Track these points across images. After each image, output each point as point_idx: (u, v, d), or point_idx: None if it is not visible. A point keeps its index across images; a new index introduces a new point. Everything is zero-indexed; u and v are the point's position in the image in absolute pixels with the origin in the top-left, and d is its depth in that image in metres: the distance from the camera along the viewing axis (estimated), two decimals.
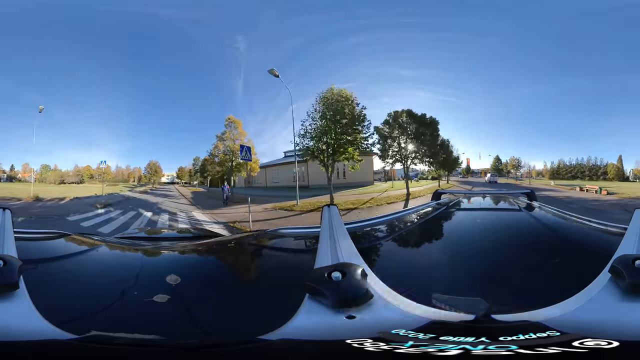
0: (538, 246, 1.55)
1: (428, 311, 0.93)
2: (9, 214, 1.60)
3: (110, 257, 1.85)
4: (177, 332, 1.04)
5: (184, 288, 1.26)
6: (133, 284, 1.31)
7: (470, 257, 1.43)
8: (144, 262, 1.75)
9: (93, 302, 1.16)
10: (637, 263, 0.96)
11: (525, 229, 1.86)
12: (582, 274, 1.05)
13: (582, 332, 0.82)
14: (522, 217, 2.12)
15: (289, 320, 0.94)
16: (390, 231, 1.97)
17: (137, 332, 0.99)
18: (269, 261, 1.80)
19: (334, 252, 1.20)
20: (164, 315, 1.11)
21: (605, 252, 1.13)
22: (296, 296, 1.00)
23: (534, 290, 1.13)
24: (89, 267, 1.66)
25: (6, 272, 1.03)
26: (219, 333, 1.06)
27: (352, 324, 0.89)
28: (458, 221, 2.23)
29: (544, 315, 0.90)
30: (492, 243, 1.63)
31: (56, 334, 0.91)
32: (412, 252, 1.67)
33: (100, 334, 0.95)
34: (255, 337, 0.93)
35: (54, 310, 1.01)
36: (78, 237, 2.03)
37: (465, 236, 1.81)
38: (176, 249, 2.00)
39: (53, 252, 1.79)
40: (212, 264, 1.79)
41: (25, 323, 0.93)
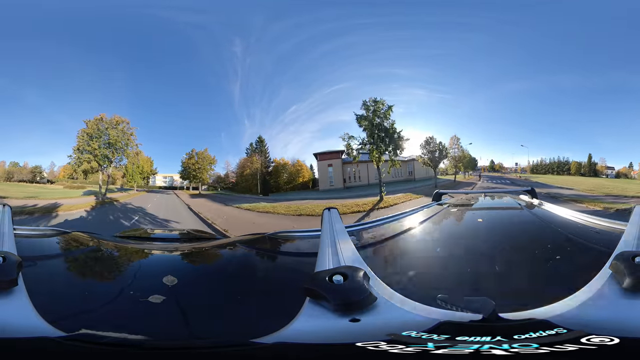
0: (540, 244, 1.55)
1: (434, 312, 0.93)
2: (9, 210, 1.58)
3: (108, 256, 1.85)
4: (168, 334, 1.03)
5: (180, 289, 1.25)
6: (129, 284, 1.31)
7: (473, 256, 1.43)
8: (142, 262, 1.75)
9: (89, 301, 1.16)
10: (637, 260, 0.97)
11: (526, 227, 1.87)
12: (584, 271, 1.06)
13: (586, 329, 0.82)
14: (523, 215, 2.12)
15: (287, 324, 0.94)
16: (392, 233, 1.97)
17: (128, 332, 0.98)
18: (268, 264, 1.80)
19: (335, 255, 1.19)
20: (158, 316, 1.11)
21: (605, 249, 1.14)
22: (296, 299, 0.99)
23: (537, 288, 1.13)
24: (87, 265, 1.66)
25: (6, 268, 1.03)
26: (211, 335, 1.05)
27: (358, 327, 0.89)
28: (459, 221, 2.23)
29: (548, 313, 0.90)
30: (494, 242, 1.63)
31: (48, 331, 0.90)
32: (414, 254, 1.66)
33: (89, 333, 0.94)
34: (249, 339, 0.92)
35: (50, 307, 1.00)
36: (77, 235, 2.02)
37: (467, 236, 1.81)
38: (174, 249, 2.00)
39: (52, 249, 1.78)
40: (209, 266, 1.79)
41: (21, 320, 0.93)
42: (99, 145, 13.23)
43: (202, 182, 16.02)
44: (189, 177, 16.10)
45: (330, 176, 14.07)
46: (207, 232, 4.08)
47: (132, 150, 14.06)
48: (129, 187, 16.24)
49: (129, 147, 13.77)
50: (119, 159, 14.05)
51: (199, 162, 15.66)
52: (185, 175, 16.04)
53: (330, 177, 14.04)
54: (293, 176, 14.98)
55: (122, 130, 13.49)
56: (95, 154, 13.31)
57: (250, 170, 14.97)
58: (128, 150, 13.82)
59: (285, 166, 15.11)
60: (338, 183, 13.95)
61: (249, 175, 15.04)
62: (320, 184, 14.13)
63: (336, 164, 14.02)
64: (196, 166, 15.69)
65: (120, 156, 13.93)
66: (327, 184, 13.99)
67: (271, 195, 14.25)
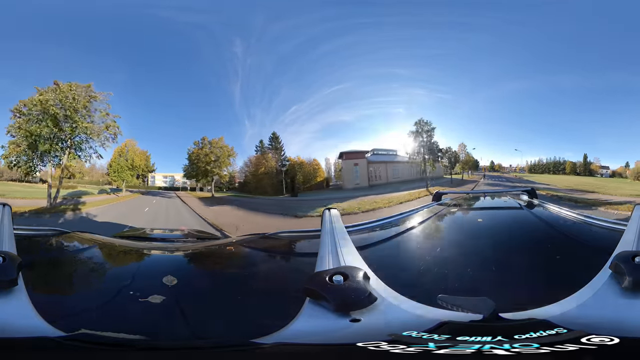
0: (540, 244, 1.55)
1: (435, 312, 0.93)
2: (9, 210, 1.58)
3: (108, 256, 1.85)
4: (168, 334, 1.04)
5: (180, 289, 1.26)
6: (129, 284, 1.31)
7: (473, 256, 1.43)
8: (141, 262, 1.76)
9: (89, 301, 1.16)
10: (637, 260, 0.97)
11: (526, 228, 1.87)
12: (584, 271, 1.06)
13: (586, 329, 0.83)
14: (523, 215, 2.12)
15: (288, 324, 0.94)
16: (392, 233, 1.97)
17: (127, 333, 0.98)
18: (268, 264, 1.79)
19: (335, 255, 1.19)
20: (158, 316, 1.11)
21: (605, 248, 1.14)
22: (296, 300, 1.00)
23: (537, 288, 1.13)
24: (86, 265, 1.66)
25: (6, 268, 1.03)
26: (211, 335, 1.06)
27: (359, 327, 0.89)
28: (459, 221, 2.23)
29: (548, 313, 0.90)
30: (494, 242, 1.63)
31: (48, 331, 0.91)
32: (414, 254, 1.66)
33: (89, 333, 0.94)
34: (249, 340, 0.92)
35: (50, 307, 1.01)
36: (77, 235, 2.02)
37: (467, 236, 1.81)
38: (174, 249, 2.00)
39: (52, 249, 1.79)
40: (209, 266, 1.79)
41: (21, 320, 0.93)
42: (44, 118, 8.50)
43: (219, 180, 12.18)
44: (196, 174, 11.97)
45: (357, 175, 14.24)
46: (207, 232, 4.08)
47: (102, 124, 9.18)
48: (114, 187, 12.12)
49: (93, 118, 9.03)
50: (82, 143, 9.10)
51: (214, 153, 11.61)
52: (192, 171, 12.01)
53: (357, 176, 14.20)
54: (310, 175, 14.17)
55: (75, 95, 8.70)
56: (35, 133, 8.48)
57: (265, 169, 12.66)
58: (94, 124, 9.10)
59: (302, 165, 13.87)
60: (363, 181, 14.07)
61: (263, 174, 12.69)
62: (346, 183, 14.12)
63: (362, 163, 14.24)
64: (209, 159, 11.60)
65: (81, 136, 9.00)
66: (353, 182, 14.02)
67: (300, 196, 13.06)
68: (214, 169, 11.75)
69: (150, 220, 9.90)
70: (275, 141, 13.05)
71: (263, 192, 12.51)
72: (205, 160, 11.69)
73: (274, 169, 12.74)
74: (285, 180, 13.05)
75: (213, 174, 11.86)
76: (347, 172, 14.28)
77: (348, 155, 14.20)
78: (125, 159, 11.83)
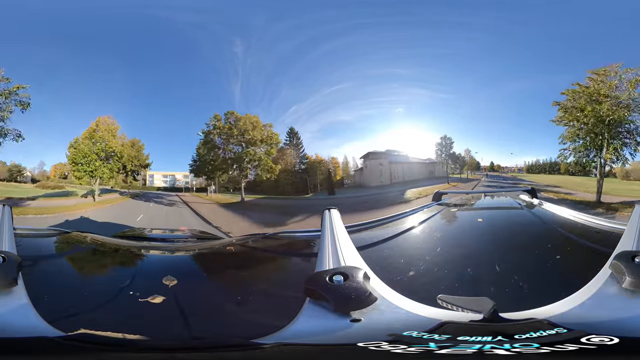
0: (540, 244, 1.56)
1: (435, 312, 0.93)
2: (9, 210, 1.59)
3: (108, 256, 1.85)
4: (168, 334, 1.04)
5: (180, 289, 1.26)
6: (129, 284, 1.31)
7: (473, 256, 1.43)
8: (141, 262, 1.76)
9: (89, 301, 1.16)
10: (637, 260, 0.97)
11: (526, 227, 1.87)
12: (584, 271, 1.06)
13: (586, 329, 0.83)
14: (523, 215, 2.13)
15: (288, 324, 0.94)
16: (392, 233, 1.97)
17: (127, 333, 0.98)
18: (268, 265, 1.79)
19: (335, 255, 1.19)
20: (158, 316, 1.11)
21: (605, 249, 1.14)
22: (296, 300, 1.00)
23: (537, 288, 1.13)
24: (86, 265, 1.66)
25: (6, 268, 1.03)
26: (211, 335, 1.05)
27: (359, 327, 0.89)
28: (460, 221, 2.23)
29: (549, 313, 0.90)
30: (494, 242, 1.64)
31: (47, 331, 0.91)
32: (415, 254, 1.66)
33: (88, 333, 0.94)
34: (249, 340, 0.92)
35: (50, 307, 1.01)
36: (77, 235, 2.03)
37: (467, 236, 1.81)
38: (174, 249, 2.00)
39: (52, 249, 1.79)
40: (209, 266, 1.79)
41: (21, 320, 0.93)
42: None
43: (265, 177, 8.15)
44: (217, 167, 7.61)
45: (381, 174, 15.04)
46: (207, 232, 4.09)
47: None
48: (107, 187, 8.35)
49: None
50: None
51: (248, 133, 7.46)
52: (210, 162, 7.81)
53: (382, 175, 14.99)
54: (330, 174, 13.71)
55: None
56: None
57: (284, 166, 10.79)
58: None
59: (322, 163, 12.63)
60: (386, 180, 14.78)
61: (281, 172, 10.79)
62: (369, 181, 14.70)
63: (385, 163, 15.00)
64: (252, 136, 7.48)
65: None
66: (378, 180, 14.66)
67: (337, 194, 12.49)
68: (261, 156, 7.88)
69: None
70: (294, 137, 11.21)
71: (282, 192, 11.07)
72: (245, 140, 7.49)
73: (292, 166, 11.14)
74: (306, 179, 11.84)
75: (254, 163, 8.06)
76: (372, 171, 14.78)
77: (374, 155, 14.92)
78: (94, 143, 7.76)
